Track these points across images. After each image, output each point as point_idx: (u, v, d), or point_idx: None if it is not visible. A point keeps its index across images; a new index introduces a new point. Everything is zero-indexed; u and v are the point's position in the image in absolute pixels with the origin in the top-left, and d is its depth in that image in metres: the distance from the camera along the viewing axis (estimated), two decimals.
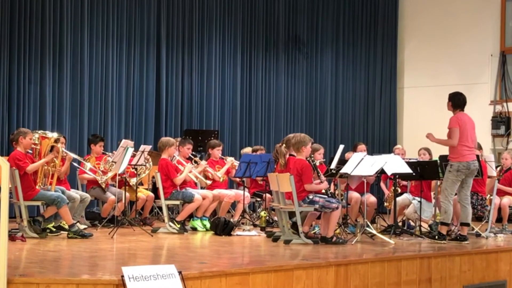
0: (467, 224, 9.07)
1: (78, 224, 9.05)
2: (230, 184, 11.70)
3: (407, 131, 15.76)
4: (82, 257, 7.30)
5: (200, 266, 6.56)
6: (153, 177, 10.78)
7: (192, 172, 10.28)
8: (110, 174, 10.11)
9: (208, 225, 9.99)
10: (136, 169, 10.35)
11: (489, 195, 10.33)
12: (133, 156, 9.99)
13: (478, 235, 9.74)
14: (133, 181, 10.42)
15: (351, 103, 15.78)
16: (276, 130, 14.70)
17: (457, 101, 9.00)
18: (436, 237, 8.93)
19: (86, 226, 9.66)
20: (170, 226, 9.71)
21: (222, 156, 11.06)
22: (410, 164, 9.63)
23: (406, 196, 10.47)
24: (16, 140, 8.82)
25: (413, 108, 15.68)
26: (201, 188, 10.60)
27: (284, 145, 8.81)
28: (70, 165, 9.71)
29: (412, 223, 10.41)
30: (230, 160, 10.94)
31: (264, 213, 10.22)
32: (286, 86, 15.00)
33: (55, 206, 8.71)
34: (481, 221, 10.52)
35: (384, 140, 15.70)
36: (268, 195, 10.42)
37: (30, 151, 8.93)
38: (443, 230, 8.96)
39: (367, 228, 9.11)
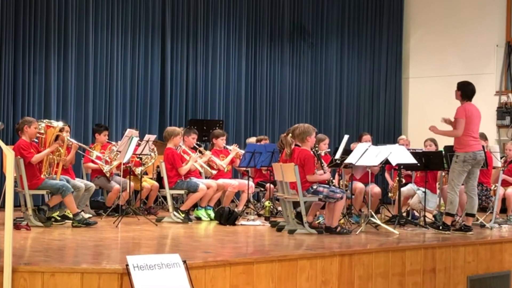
0: (473, 215, 9.04)
1: (82, 213, 9.06)
2: (234, 174, 11.70)
3: (412, 121, 15.74)
4: (87, 246, 7.30)
5: (205, 255, 6.56)
6: (158, 166, 10.79)
7: (197, 162, 10.29)
8: (114, 163, 10.13)
9: (212, 214, 10.00)
10: (141, 158, 10.37)
11: (493, 186, 10.32)
12: (138, 145, 10.00)
13: (482, 225, 9.72)
14: (138, 170, 10.43)
15: (356, 93, 15.75)
16: (280, 120, 14.68)
17: (466, 91, 8.90)
18: (441, 227, 8.91)
19: (90, 215, 9.68)
20: (175, 215, 9.72)
21: (226, 146, 11.05)
22: (415, 154, 9.61)
23: (410, 187, 10.45)
24: (21, 129, 8.83)
25: (418, 99, 15.65)
26: (206, 177, 10.61)
27: (290, 135, 8.80)
28: (75, 154, 9.74)
29: (416, 214, 10.41)
30: (233, 148, 10.94)
31: (269, 203, 10.22)
32: (291, 76, 14.98)
33: (60, 195, 8.73)
34: (485, 212, 10.51)
35: (389, 131, 15.67)
36: (271, 185, 10.42)
37: (35, 140, 8.95)
38: (448, 220, 8.94)
39: (372, 218, 9.10)
